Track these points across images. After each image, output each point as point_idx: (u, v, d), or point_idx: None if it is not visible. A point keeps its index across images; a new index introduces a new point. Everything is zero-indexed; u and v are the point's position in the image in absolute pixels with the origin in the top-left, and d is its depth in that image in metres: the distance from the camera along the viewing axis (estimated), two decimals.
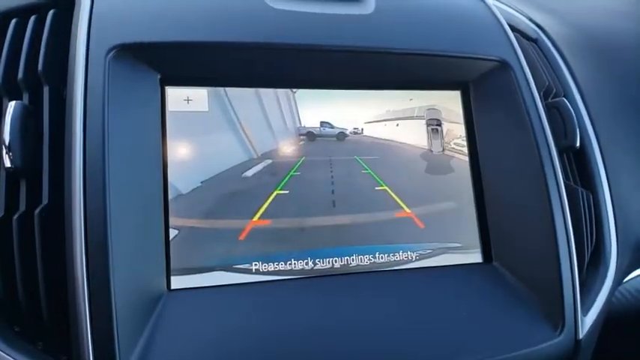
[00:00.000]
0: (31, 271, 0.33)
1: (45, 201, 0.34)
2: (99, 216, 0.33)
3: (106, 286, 0.32)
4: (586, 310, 0.41)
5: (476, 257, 0.43)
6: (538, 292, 0.41)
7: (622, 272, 0.49)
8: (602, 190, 0.49)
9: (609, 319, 0.47)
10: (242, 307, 0.36)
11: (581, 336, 0.39)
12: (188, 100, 0.40)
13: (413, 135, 0.45)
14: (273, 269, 0.39)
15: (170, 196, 0.38)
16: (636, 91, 0.55)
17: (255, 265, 0.38)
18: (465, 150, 0.45)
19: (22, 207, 0.34)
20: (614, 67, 0.58)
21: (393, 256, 0.41)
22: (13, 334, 0.33)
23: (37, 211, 0.33)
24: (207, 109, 0.40)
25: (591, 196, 0.47)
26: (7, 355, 0.32)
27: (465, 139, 0.46)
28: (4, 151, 0.34)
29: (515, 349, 0.37)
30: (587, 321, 0.41)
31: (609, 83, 0.56)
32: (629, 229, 0.50)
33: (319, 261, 0.39)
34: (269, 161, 0.41)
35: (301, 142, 0.42)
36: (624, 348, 0.61)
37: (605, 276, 0.45)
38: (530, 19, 0.61)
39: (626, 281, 0.54)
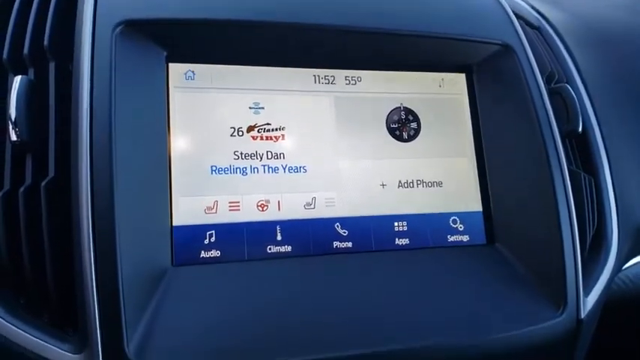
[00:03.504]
0: (38, 243, 0.33)
1: (51, 174, 0.34)
2: (105, 188, 0.33)
3: (112, 259, 0.32)
4: (588, 292, 0.42)
5: (479, 239, 0.44)
6: (541, 272, 0.41)
7: (622, 257, 0.49)
8: (604, 175, 0.49)
9: (608, 305, 0.47)
10: (245, 282, 0.36)
11: (582, 316, 0.40)
12: (192, 76, 0.40)
13: None
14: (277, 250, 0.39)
15: (174, 172, 0.38)
16: (636, 80, 0.56)
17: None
18: None
19: (29, 180, 0.34)
20: (614, 58, 0.59)
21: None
22: (19, 307, 0.33)
23: (43, 183, 0.33)
24: (211, 85, 0.40)
25: (593, 181, 0.47)
26: (13, 326, 0.32)
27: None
28: (10, 126, 0.34)
29: (518, 327, 0.37)
30: (589, 302, 0.41)
31: (610, 72, 0.56)
32: (630, 214, 0.51)
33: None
34: None
35: None
36: (622, 334, 0.62)
37: (606, 259, 0.45)
38: (533, 7, 0.61)
39: (626, 268, 0.55)
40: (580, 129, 0.47)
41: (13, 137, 0.34)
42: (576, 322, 0.39)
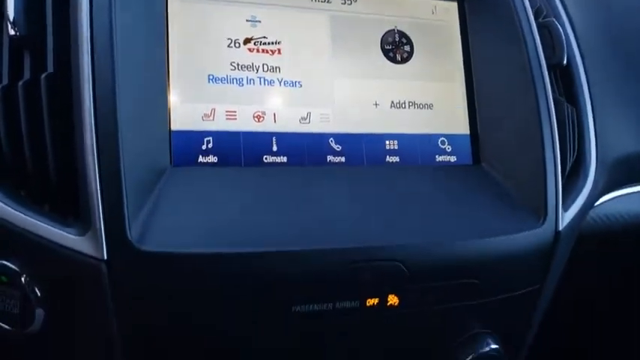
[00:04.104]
0: (39, 136, 0.33)
1: (50, 69, 0.34)
2: (107, 84, 0.33)
3: (114, 151, 0.32)
4: (566, 208, 0.44)
5: (465, 160, 0.46)
6: (523, 190, 0.43)
7: (599, 189, 0.52)
8: (585, 107, 0.51)
9: (579, 240, 0.50)
10: (241, 185, 0.37)
11: (561, 228, 0.42)
12: None
13: None
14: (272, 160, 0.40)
15: (172, 79, 0.38)
16: (622, 20, 0.58)
17: None
18: None
19: (27, 75, 0.34)
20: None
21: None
22: (20, 198, 0.34)
23: (42, 76, 0.34)
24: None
25: (575, 111, 0.49)
26: (15, 211, 0.32)
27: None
28: (8, 20, 0.34)
29: (500, 233, 0.39)
30: (567, 216, 0.43)
31: (595, 12, 0.58)
32: (607, 150, 0.53)
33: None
34: None
35: None
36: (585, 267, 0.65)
37: (584, 183, 0.47)
38: None
39: (598, 205, 0.57)
40: (565, 62, 0.49)
41: (11, 32, 0.34)
42: (555, 233, 0.42)
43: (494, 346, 0.42)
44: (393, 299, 0.38)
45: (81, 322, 0.34)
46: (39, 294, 0.34)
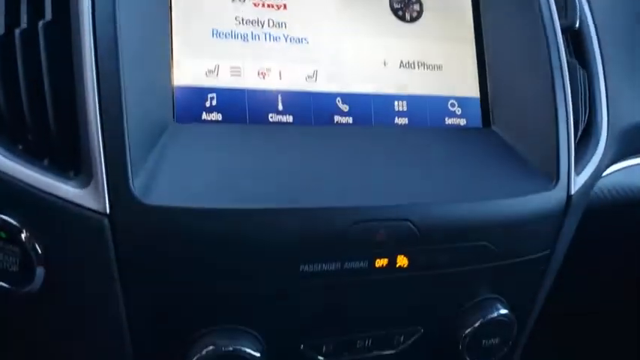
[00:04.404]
0: (37, 86, 0.32)
1: (48, 17, 0.33)
2: (108, 32, 0.32)
3: (117, 99, 0.31)
4: (578, 172, 0.43)
5: (475, 123, 0.44)
6: (535, 153, 0.42)
7: (609, 157, 0.51)
8: (597, 72, 0.50)
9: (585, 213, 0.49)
10: (246, 143, 0.36)
11: (573, 192, 0.41)
12: None
13: None
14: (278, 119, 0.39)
15: (175, 33, 0.37)
16: None
17: None
18: None
19: (24, 23, 0.33)
20: None
21: None
22: (18, 151, 0.32)
23: (40, 24, 0.32)
24: None
25: (586, 75, 0.48)
26: (14, 163, 0.31)
27: None
28: None
29: (512, 195, 0.39)
30: (579, 180, 0.42)
31: None
32: (618, 116, 0.52)
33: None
34: None
35: None
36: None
37: (595, 148, 0.46)
38: None
39: (606, 175, 0.57)
40: (577, 25, 0.48)
41: None
42: (566, 197, 0.41)
43: (503, 312, 0.41)
44: (402, 260, 0.37)
45: (83, 280, 0.33)
46: (39, 251, 0.33)
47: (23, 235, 0.33)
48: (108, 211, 0.30)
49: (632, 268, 0.68)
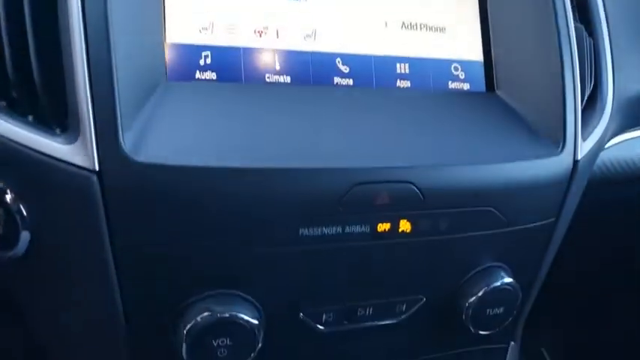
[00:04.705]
0: (21, 37, 0.30)
1: None
2: None
3: (105, 52, 0.29)
4: (584, 138, 0.42)
5: (479, 87, 0.43)
6: (541, 118, 0.40)
7: (613, 127, 0.50)
8: (603, 39, 0.48)
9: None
10: (241, 103, 0.34)
11: (579, 157, 0.40)
12: None
13: None
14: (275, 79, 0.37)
15: None
16: None
17: None
18: None
19: None
20: None
21: None
22: (1, 108, 0.31)
23: None
24: None
25: (592, 41, 0.47)
26: None
27: None
28: None
29: (518, 159, 0.37)
30: (585, 146, 0.41)
31: None
32: (623, 85, 0.51)
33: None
34: None
35: None
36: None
37: (601, 115, 0.45)
38: None
39: (608, 147, 0.56)
40: None
41: None
42: (573, 162, 0.40)
43: (507, 280, 0.40)
44: (405, 225, 0.36)
45: (70, 242, 0.31)
46: (25, 213, 0.31)
47: (7, 197, 0.31)
48: (97, 167, 0.29)
49: (631, 246, 0.67)
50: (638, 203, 0.64)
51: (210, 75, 0.36)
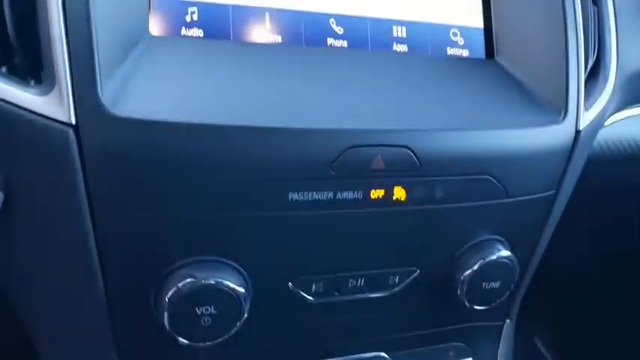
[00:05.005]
0: None
1: None
2: None
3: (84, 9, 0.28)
4: (586, 108, 0.40)
5: (479, 54, 0.41)
6: (543, 86, 0.39)
7: (615, 101, 0.49)
8: (607, 10, 0.47)
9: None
10: (228, 60, 0.33)
11: (581, 127, 0.39)
12: None
13: None
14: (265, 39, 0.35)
15: None
16: None
17: None
18: None
19: None
20: None
21: None
22: None
23: None
24: None
25: (596, 8, 0.45)
26: None
27: None
28: None
29: (519, 126, 0.36)
30: (588, 116, 0.40)
31: None
32: (626, 58, 0.50)
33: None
34: None
35: None
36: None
37: (604, 86, 0.43)
38: None
39: (607, 125, 0.54)
40: None
41: None
42: (575, 132, 0.38)
43: (504, 253, 0.39)
44: (399, 192, 0.34)
45: (47, 202, 0.30)
46: None
47: None
48: (73, 121, 0.27)
49: (631, 226, 0.66)
50: (638, 184, 0.63)
51: (197, 32, 0.34)
